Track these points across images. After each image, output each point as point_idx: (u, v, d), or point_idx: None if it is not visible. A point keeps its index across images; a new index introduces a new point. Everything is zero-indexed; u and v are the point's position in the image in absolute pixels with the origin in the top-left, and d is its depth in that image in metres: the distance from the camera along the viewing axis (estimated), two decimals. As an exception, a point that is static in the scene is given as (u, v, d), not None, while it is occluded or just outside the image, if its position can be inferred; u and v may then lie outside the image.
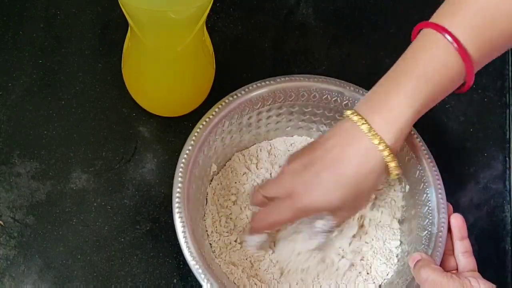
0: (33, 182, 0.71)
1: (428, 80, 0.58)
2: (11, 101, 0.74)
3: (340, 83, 0.69)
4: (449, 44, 0.56)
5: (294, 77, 0.68)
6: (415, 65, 0.58)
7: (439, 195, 0.66)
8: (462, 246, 0.64)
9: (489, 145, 0.78)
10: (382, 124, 0.59)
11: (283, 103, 0.69)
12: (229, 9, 0.80)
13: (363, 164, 0.59)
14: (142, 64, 0.69)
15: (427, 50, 0.58)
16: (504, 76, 0.81)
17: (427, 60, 0.58)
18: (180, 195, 0.63)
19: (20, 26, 0.77)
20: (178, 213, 0.62)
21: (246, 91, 0.67)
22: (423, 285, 0.60)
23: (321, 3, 0.82)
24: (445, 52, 0.57)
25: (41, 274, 0.68)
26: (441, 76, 0.58)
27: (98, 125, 0.74)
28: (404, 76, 0.58)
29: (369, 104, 0.60)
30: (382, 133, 0.58)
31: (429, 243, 0.64)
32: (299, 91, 0.68)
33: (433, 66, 0.57)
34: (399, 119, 0.58)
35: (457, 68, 0.57)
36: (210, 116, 0.66)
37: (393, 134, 0.58)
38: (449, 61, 0.57)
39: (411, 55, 0.59)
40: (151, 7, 0.58)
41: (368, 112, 0.59)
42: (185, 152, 0.64)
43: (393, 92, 0.58)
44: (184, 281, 0.69)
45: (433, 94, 0.58)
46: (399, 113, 0.58)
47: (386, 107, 0.59)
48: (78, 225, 0.70)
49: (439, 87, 0.58)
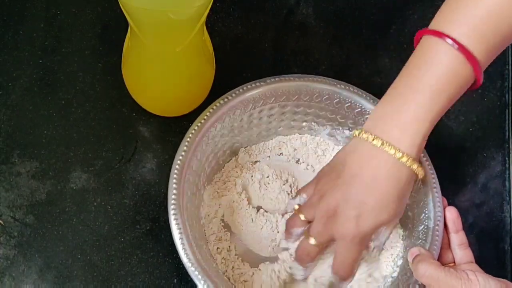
0: (33, 182, 0.71)
1: (444, 91, 0.58)
2: (11, 101, 0.74)
3: (331, 82, 0.69)
4: (451, 48, 0.57)
5: (284, 78, 0.69)
6: (428, 78, 0.58)
7: (434, 189, 0.66)
8: (457, 238, 0.65)
9: (488, 145, 0.78)
10: (400, 140, 0.59)
11: (274, 103, 0.69)
12: (229, 9, 0.80)
13: (399, 179, 0.60)
14: (142, 64, 0.69)
15: (437, 62, 0.58)
16: (504, 76, 0.81)
17: (440, 72, 0.58)
18: (175, 201, 0.63)
19: (20, 26, 0.77)
20: (174, 220, 0.62)
21: (236, 93, 0.67)
22: (421, 280, 0.61)
23: (321, 3, 0.82)
24: (455, 61, 0.57)
25: (41, 274, 0.68)
26: (453, 83, 0.58)
27: (98, 125, 0.74)
28: (416, 88, 0.59)
29: (383, 120, 0.60)
30: (397, 142, 0.59)
31: (426, 238, 0.64)
32: (289, 91, 0.69)
33: (447, 78, 0.58)
34: (418, 131, 0.59)
35: (466, 72, 0.58)
36: (201, 121, 0.66)
37: (410, 140, 0.59)
38: (459, 69, 0.58)
39: (418, 66, 0.59)
40: (151, 7, 0.58)
41: (385, 127, 0.60)
42: (178, 158, 0.65)
43: (409, 106, 0.59)
44: (184, 281, 0.69)
45: (449, 101, 0.59)
46: (418, 126, 0.59)
47: (404, 122, 0.59)
48: (78, 225, 0.70)
49: (454, 94, 0.59)
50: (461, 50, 0.57)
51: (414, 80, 0.59)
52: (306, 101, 0.69)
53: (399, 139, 0.59)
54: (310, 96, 0.69)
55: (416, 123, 0.59)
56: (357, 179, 0.61)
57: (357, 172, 0.61)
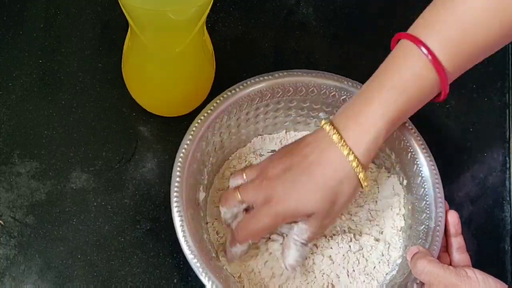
0: (33, 182, 0.71)
1: (403, 90, 0.59)
2: (11, 101, 0.74)
3: (338, 78, 0.69)
4: (424, 56, 0.58)
5: (292, 72, 0.69)
6: (391, 76, 0.60)
7: (437, 189, 0.66)
8: (456, 242, 0.65)
9: (489, 145, 0.78)
10: (356, 133, 0.60)
11: (281, 98, 0.69)
12: (229, 9, 0.80)
13: (337, 172, 0.60)
14: (142, 64, 0.69)
15: (403, 61, 0.59)
16: (504, 76, 0.81)
17: (403, 71, 0.59)
18: (178, 194, 0.63)
19: (20, 26, 0.77)
20: (177, 212, 0.62)
21: (244, 86, 0.67)
22: (419, 277, 0.61)
23: (321, 3, 0.82)
24: (420, 64, 0.58)
25: (41, 274, 0.68)
26: (416, 87, 0.59)
27: (98, 125, 0.74)
28: (380, 86, 0.60)
29: (346, 113, 0.62)
30: (354, 143, 0.60)
31: (426, 237, 0.64)
32: (297, 86, 0.69)
33: (408, 77, 0.59)
34: (372, 128, 0.60)
35: (432, 79, 0.59)
36: (208, 111, 0.66)
37: (365, 145, 0.60)
38: (423, 73, 0.59)
39: (389, 66, 0.61)
40: (151, 7, 0.58)
41: (344, 121, 0.61)
42: (183, 147, 0.64)
43: (369, 102, 0.60)
44: (184, 281, 0.69)
45: (407, 104, 0.60)
46: (373, 123, 0.60)
47: (361, 117, 0.60)
48: (78, 225, 0.70)
49: (414, 98, 0.60)
50: (433, 62, 0.58)
51: (382, 81, 0.60)
52: (313, 96, 0.70)
53: (357, 140, 0.60)
54: (318, 92, 0.69)
55: (372, 118, 0.60)
56: (307, 158, 0.61)
57: (311, 152, 0.61)
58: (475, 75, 0.80)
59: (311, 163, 0.61)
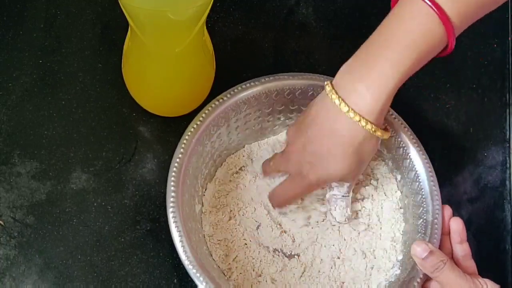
0: (33, 182, 0.71)
1: (413, 47, 0.58)
2: (11, 101, 0.74)
3: (326, 79, 0.69)
4: (431, 10, 0.57)
5: (278, 76, 0.69)
6: (399, 33, 0.59)
7: (431, 182, 0.66)
8: (461, 249, 0.64)
9: (489, 145, 0.78)
10: (367, 100, 0.59)
11: (269, 102, 0.69)
12: (229, 9, 0.80)
13: (355, 138, 0.61)
14: (142, 64, 0.69)
15: (410, 18, 0.58)
16: (504, 76, 0.81)
17: (411, 28, 0.58)
18: (174, 204, 0.63)
19: (20, 26, 0.77)
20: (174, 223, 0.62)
21: (231, 94, 0.68)
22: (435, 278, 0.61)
23: (321, 3, 0.82)
24: (427, 18, 0.58)
25: (41, 274, 0.68)
26: (426, 43, 0.59)
27: (98, 125, 0.74)
28: (388, 44, 0.59)
29: (351, 74, 0.61)
30: (367, 112, 0.60)
31: (425, 231, 0.64)
32: (284, 90, 0.69)
33: (417, 33, 0.58)
34: (384, 91, 0.59)
35: (440, 33, 0.58)
36: (197, 122, 0.66)
37: (378, 110, 0.60)
38: (431, 27, 0.58)
39: (394, 23, 0.60)
40: (151, 7, 0.58)
41: (351, 82, 0.60)
42: (175, 161, 0.65)
43: (378, 61, 0.59)
44: (184, 281, 0.69)
45: (417, 61, 0.59)
46: (385, 84, 0.59)
47: (370, 77, 0.59)
48: (78, 225, 0.70)
49: (424, 54, 0.59)
50: (437, 11, 0.57)
51: (386, 36, 0.60)
52: (300, 99, 0.70)
53: (369, 108, 0.60)
54: (305, 94, 0.69)
55: (383, 78, 0.59)
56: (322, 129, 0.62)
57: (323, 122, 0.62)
58: (475, 75, 0.80)
59: (327, 135, 0.62)
